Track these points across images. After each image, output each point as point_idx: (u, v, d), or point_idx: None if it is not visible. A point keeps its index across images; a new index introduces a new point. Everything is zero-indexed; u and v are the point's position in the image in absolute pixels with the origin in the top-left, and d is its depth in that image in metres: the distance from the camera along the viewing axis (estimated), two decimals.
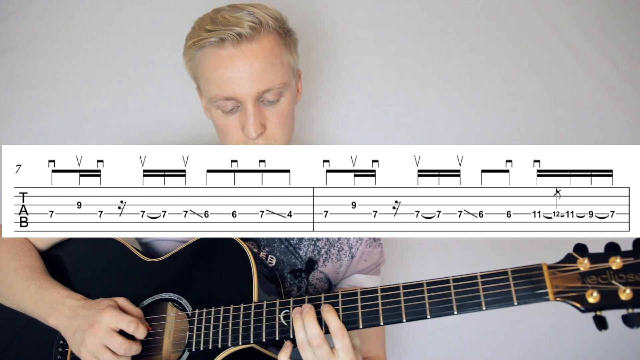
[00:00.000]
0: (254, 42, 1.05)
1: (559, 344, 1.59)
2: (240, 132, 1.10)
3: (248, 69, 1.05)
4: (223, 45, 1.05)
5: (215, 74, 1.06)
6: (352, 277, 1.25)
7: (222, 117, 1.11)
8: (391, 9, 1.65)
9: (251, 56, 1.05)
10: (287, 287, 1.18)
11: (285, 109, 1.12)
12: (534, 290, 0.81)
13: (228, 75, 1.05)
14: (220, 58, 1.06)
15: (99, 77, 1.59)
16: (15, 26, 1.59)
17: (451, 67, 1.64)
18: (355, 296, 0.92)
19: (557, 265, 0.81)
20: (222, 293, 1.02)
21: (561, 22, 1.66)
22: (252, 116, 1.07)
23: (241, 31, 1.04)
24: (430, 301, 0.86)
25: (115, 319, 0.97)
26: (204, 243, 1.09)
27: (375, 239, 1.27)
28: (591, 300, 0.77)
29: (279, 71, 1.08)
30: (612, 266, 0.78)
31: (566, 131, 1.63)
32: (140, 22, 1.60)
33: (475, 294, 0.84)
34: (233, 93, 1.06)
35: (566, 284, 0.79)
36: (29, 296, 1.06)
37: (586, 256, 0.80)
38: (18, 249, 1.14)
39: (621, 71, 1.64)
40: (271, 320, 0.95)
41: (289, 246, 1.20)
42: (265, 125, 1.10)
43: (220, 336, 0.97)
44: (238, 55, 1.05)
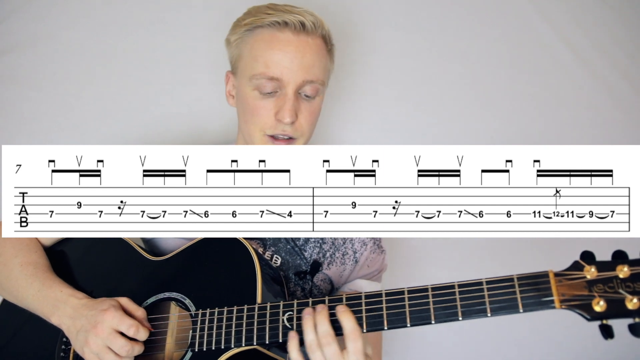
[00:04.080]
0: (311, 37, 1.10)
1: (559, 344, 1.59)
2: (272, 115, 1.11)
3: (300, 57, 1.09)
4: (284, 29, 1.09)
5: (266, 53, 1.09)
6: (355, 282, 1.25)
7: (257, 97, 1.12)
8: (391, 10, 1.64)
9: (306, 47, 1.09)
10: (292, 288, 1.18)
11: (317, 108, 1.16)
12: (540, 297, 0.80)
13: (280, 57, 1.08)
14: (278, 39, 1.09)
15: (99, 77, 1.58)
16: (15, 26, 1.59)
17: (451, 67, 1.64)
18: (359, 299, 0.91)
19: (563, 273, 0.81)
20: (225, 294, 1.02)
21: (561, 22, 1.66)
22: (290, 101, 1.09)
23: (304, 21, 1.09)
24: (435, 306, 0.86)
25: (117, 321, 0.97)
26: (208, 243, 1.09)
27: (380, 246, 1.27)
28: (597, 309, 0.77)
29: (323, 69, 1.13)
30: (620, 275, 0.77)
31: (566, 131, 1.63)
32: (140, 22, 1.60)
33: (480, 300, 0.83)
34: (280, 74, 1.08)
35: (573, 292, 0.79)
36: (32, 293, 1.06)
37: (593, 264, 0.79)
38: (23, 245, 1.14)
39: (621, 71, 1.64)
40: (274, 322, 0.95)
41: (295, 247, 1.20)
42: (298, 117, 1.11)
43: (224, 337, 0.97)
44: (295, 42, 1.09)
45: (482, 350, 1.61)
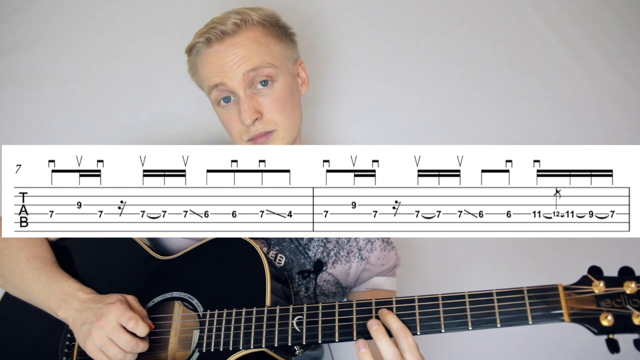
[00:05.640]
0: (237, 36, 1.10)
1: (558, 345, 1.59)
2: (239, 122, 1.11)
3: (233, 56, 1.09)
4: (210, 44, 1.11)
5: (206, 69, 1.12)
6: (372, 280, 1.25)
7: (222, 112, 1.15)
8: (391, 9, 1.65)
9: (234, 47, 1.10)
10: (295, 288, 1.18)
11: (281, 94, 1.13)
12: (550, 310, 0.81)
13: (215, 67, 1.11)
14: (208, 55, 1.12)
15: (99, 77, 1.59)
16: (15, 26, 1.59)
17: (451, 67, 1.64)
18: (369, 306, 0.91)
19: (572, 287, 0.82)
20: (234, 295, 1.02)
21: (561, 22, 1.66)
22: (244, 103, 1.09)
23: (224, 28, 1.09)
24: (445, 315, 0.86)
25: (119, 313, 0.96)
26: (217, 243, 1.09)
27: (388, 242, 1.28)
28: (605, 323, 0.78)
29: (264, 54, 1.11)
30: (627, 290, 0.79)
31: (566, 131, 1.63)
32: (140, 22, 1.60)
33: (490, 311, 0.84)
34: (221, 79, 1.10)
35: (581, 306, 0.80)
36: (39, 287, 1.06)
37: (601, 279, 0.80)
38: (29, 239, 1.13)
39: (621, 71, 1.64)
40: (284, 326, 0.94)
41: (299, 246, 1.20)
42: (261, 111, 1.11)
43: (232, 338, 0.97)
44: (222, 49, 1.10)
45: (482, 350, 1.61)
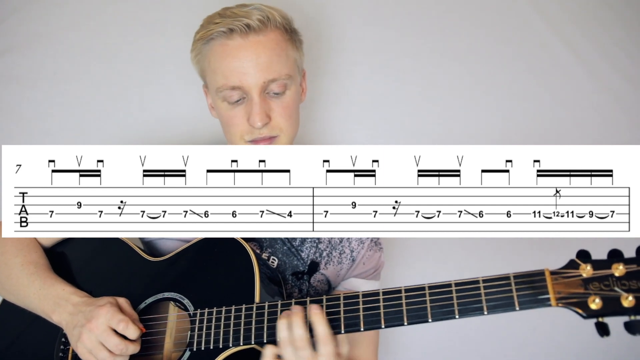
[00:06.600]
0: (262, 35, 1.08)
1: (558, 345, 1.59)
2: (245, 122, 1.11)
3: (255, 59, 1.07)
4: (231, 35, 1.07)
5: (222, 64, 1.08)
6: (349, 281, 1.25)
7: (228, 108, 1.13)
8: (391, 9, 1.64)
9: (258, 47, 1.07)
10: (289, 289, 1.18)
11: (291, 102, 1.13)
12: (536, 295, 0.81)
13: (235, 65, 1.07)
14: (228, 48, 1.08)
15: (99, 77, 1.58)
16: (15, 26, 1.59)
17: (451, 67, 1.64)
18: (357, 299, 0.92)
19: (559, 271, 0.81)
20: (224, 293, 1.02)
21: (561, 22, 1.66)
22: (257, 105, 1.08)
23: (250, 22, 1.07)
24: (432, 305, 0.86)
25: (109, 316, 0.97)
26: (207, 243, 1.09)
27: (377, 244, 1.27)
28: (593, 306, 0.77)
29: (284, 63, 1.10)
30: (615, 273, 0.78)
31: (566, 131, 1.63)
32: (140, 22, 1.60)
33: (477, 299, 0.84)
34: (239, 82, 1.08)
35: (568, 290, 0.80)
36: (33, 292, 1.06)
37: (589, 262, 0.80)
38: (23, 245, 1.14)
39: (621, 71, 1.64)
40: (272, 322, 0.95)
41: (291, 248, 1.20)
42: (270, 116, 1.10)
43: (222, 336, 0.97)
44: (246, 45, 1.07)
45: (481, 350, 1.61)
